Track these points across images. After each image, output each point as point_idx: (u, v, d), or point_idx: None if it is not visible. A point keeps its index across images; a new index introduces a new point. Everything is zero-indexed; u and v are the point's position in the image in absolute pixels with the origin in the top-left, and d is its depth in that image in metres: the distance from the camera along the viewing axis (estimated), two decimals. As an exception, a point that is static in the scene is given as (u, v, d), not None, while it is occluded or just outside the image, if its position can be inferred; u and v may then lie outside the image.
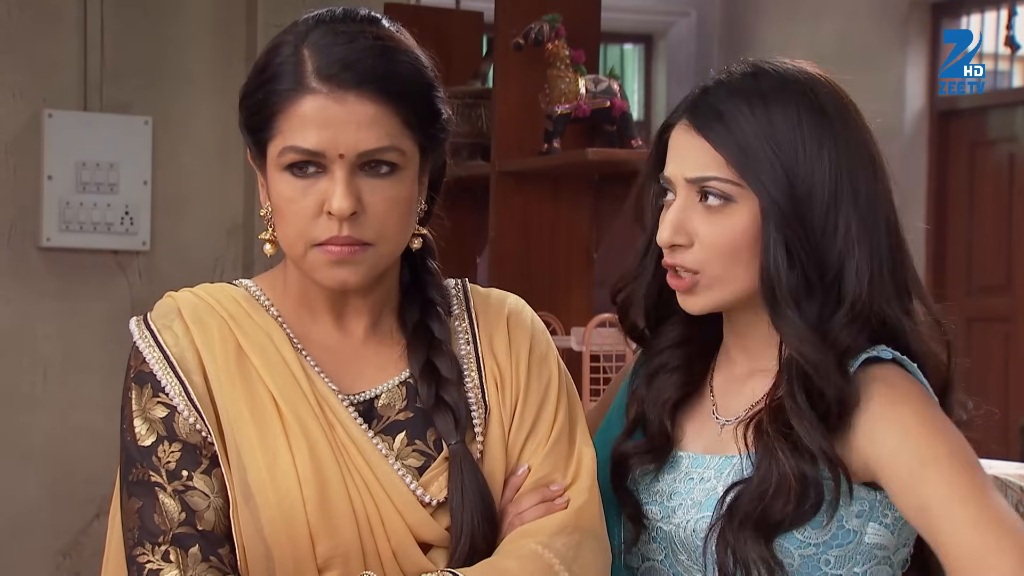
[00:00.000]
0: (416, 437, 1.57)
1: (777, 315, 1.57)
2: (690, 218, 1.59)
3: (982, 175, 6.25)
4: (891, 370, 1.57)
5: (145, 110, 3.65)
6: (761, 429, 1.57)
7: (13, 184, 3.55)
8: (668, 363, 1.68)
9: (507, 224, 3.37)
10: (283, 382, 1.54)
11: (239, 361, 1.55)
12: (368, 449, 1.54)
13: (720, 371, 1.69)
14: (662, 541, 1.63)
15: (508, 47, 3.30)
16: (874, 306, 1.58)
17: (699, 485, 1.61)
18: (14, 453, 3.56)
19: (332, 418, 1.54)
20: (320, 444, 1.52)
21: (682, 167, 1.59)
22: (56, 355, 3.60)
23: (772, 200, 1.55)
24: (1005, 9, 6.09)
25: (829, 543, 1.57)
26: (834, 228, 1.57)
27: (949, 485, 1.49)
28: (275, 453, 1.52)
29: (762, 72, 1.61)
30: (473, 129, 3.47)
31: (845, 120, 1.61)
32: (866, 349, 1.57)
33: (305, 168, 1.50)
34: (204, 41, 3.71)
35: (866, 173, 1.60)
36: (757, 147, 1.56)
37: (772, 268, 1.56)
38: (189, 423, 1.52)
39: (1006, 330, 6.12)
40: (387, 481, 1.53)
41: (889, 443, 1.53)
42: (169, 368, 1.54)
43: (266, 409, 1.53)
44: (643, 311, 1.69)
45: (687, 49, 7.27)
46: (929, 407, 1.55)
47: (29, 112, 3.55)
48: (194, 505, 1.50)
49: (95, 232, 3.59)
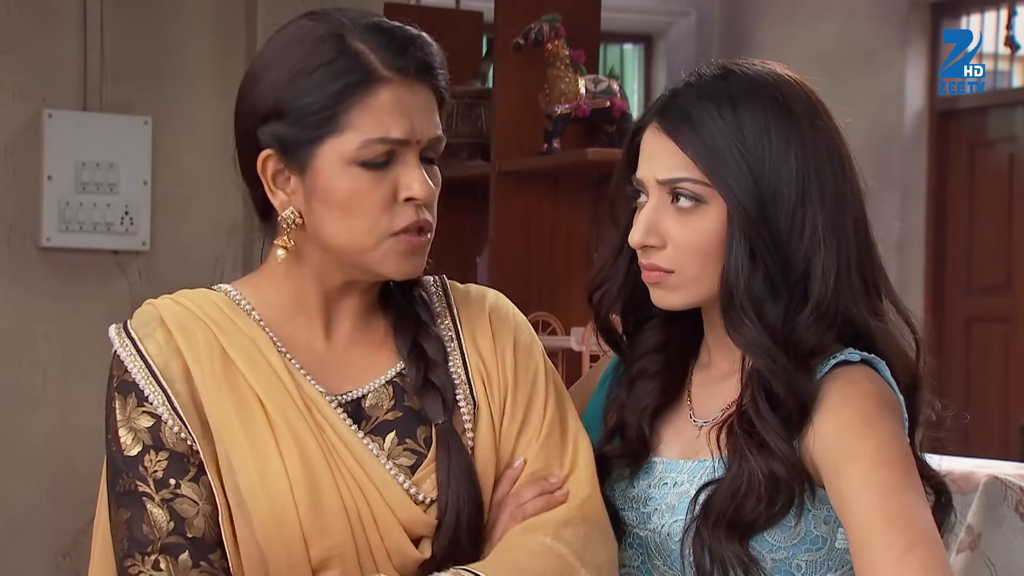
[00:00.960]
0: (407, 436, 1.56)
1: (729, 320, 1.58)
2: (662, 219, 1.60)
3: (982, 175, 6.25)
4: (857, 371, 1.58)
5: (145, 110, 3.64)
6: (732, 431, 1.58)
7: (13, 184, 3.55)
8: (647, 368, 1.69)
9: (507, 224, 3.37)
10: (269, 386, 1.53)
11: (225, 367, 1.53)
12: (359, 449, 1.53)
13: (698, 373, 1.70)
14: (638, 547, 1.64)
15: (508, 47, 3.30)
16: (840, 306, 1.58)
17: (673, 489, 1.62)
18: (14, 453, 3.56)
19: (321, 419, 1.53)
20: (310, 446, 1.51)
21: (653, 169, 1.61)
22: (56, 355, 3.60)
23: (738, 203, 1.57)
24: (1005, 9, 6.08)
25: (799, 548, 1.57)
26: (801, 228, 1.58)
27: (863, 481, 1.49)
28: (265, 457, 1.50)
29: (731, 74, 1.62)
30: (473, 129, 3.47)
31: (813, 120, 1.61)
32: (835, 352, 1.58)
33: (381, 160, 1.49)
34: (204, 41, 3.71)
35: (834, 173, 1.61)
36: (724, 149, 1.57)
37: (732, 272, 1.57)
38: (174, 432, 1.50)
39: (1006, 330, 6.12)
40: (379, 480, 1.52)
41: (826, 438, 1.54)
42: (152, 378, 1.52)
43: (254, 414, 1.52)
44: (619, 312, 1.70)
45: (687, 49, 7.27)
46: (876, 407, 1.55)
47: (29, 112, 3.55)
48: (183, 513, 1.49)
49: (95, 232, 3.59)
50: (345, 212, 1.50)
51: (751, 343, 1.57)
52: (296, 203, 1.53)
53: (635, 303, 1.69)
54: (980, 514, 2.66)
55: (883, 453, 1.51)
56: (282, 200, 1.54)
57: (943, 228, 6.31)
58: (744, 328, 1.57)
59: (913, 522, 1.47)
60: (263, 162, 1.54)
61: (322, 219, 1.52)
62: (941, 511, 1.61)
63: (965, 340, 6.20)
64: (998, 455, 4.12)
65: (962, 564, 2.61)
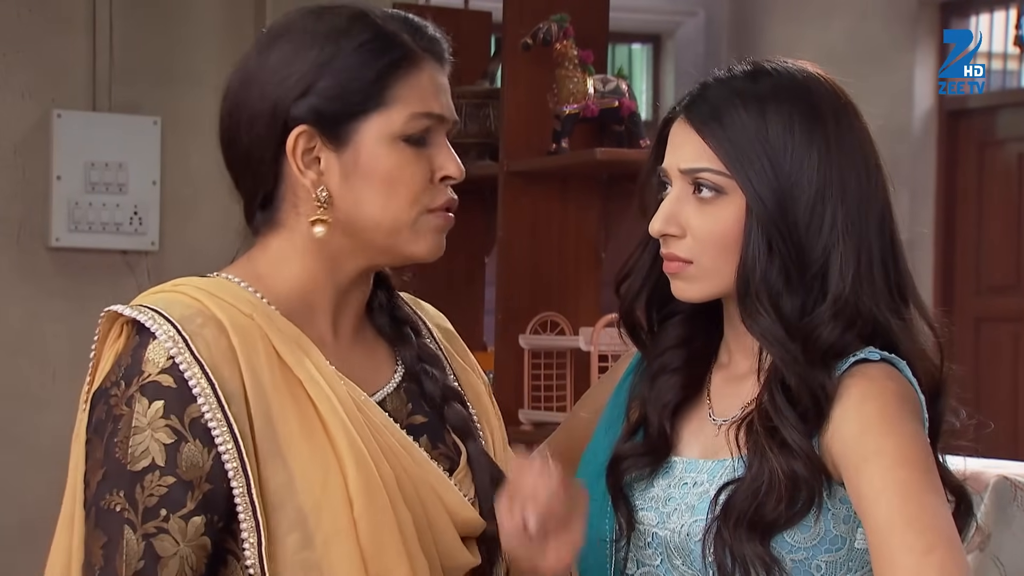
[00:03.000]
0: (438, 440, 1.55)
1: (745, 309, 1.59)
2: (683, 209, 1.61)
3: (991, 175, 6.24)
4: (877, 368, 1.57)
5: (154, 110, 3.65)
6: (751, 429, 1.58)
7: (22, 184, 3.56)
8: (669, 364, 1.69)
9: (515, 224, 3.37)
10: (320, 389, 1.45)
11: (283, 372, 1.44)
12: (415, 451, 1.50)
13: (718, 372, 1.70)
14: (658, 547, 1.63)
15: (516, 47, 3.30)
16: (860, 304, 1.58)
17: (693, 489, 1.61)
18: (23, 452, 3.57)
19: (377, 422, 1.48)
20: (372, 452, 1.45)
21: (677, 159, 1.62)
22: (65, 355, 3.61)
23: (756, 194, 1.57)
24: (1014, 9, 6.07)
25: (818, 548, 1.56)
26: (819, 224, 1.58)
27: (883, 480, 1.49)
28: (326, 469, 1.42)
29: (761, 72, 1.63)
30: (481, 129, 3.47)
31: (839, 120, 1.62)
32: (855, 351, 1.58)
33: (419, 137, 1.51)
34: (213, 41, 3.72)
35: (858, 172, 1.61)
36: (747, 143, 1.58)
37: (749, 262, 1.58)
38: (194, 454, 1.39)
39: (1016, 330, 6.11)
40: (438, 481, 1.50)
41: (846, 436, 1.53)
42: (209, 387, 1.40)
43: (314, 423, 1.43)
44: (643, 307, 1.70)
45: (695, 49, 7.26)
46: (897, 404, 1.55)
47: (38, 112, 3.56)
48: (160, 551, 1.38)
49: (104, 232, 3.60)
50: (388, 187, 1.50)
51: (766, 332, 1.57)
52: (329, 182, 1.50)
53: (660, 298, 1.69)
54: (989, 514, 2.65)
55: (904, 452, 1.51)
56: (313, 179, 1.50)
57: (952, 228, 6.30)
58: (760, 317, 1.57)
59: (933, 524, 1.46)
60: (295, 139, 1.50)
61: (362, 196, 1.50)
62: (961, 516, 1.60)
63: (974, 340, 6.19)
64: (1008, 455, 4.11)
65: (971, 564, 2.60)
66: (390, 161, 1.50)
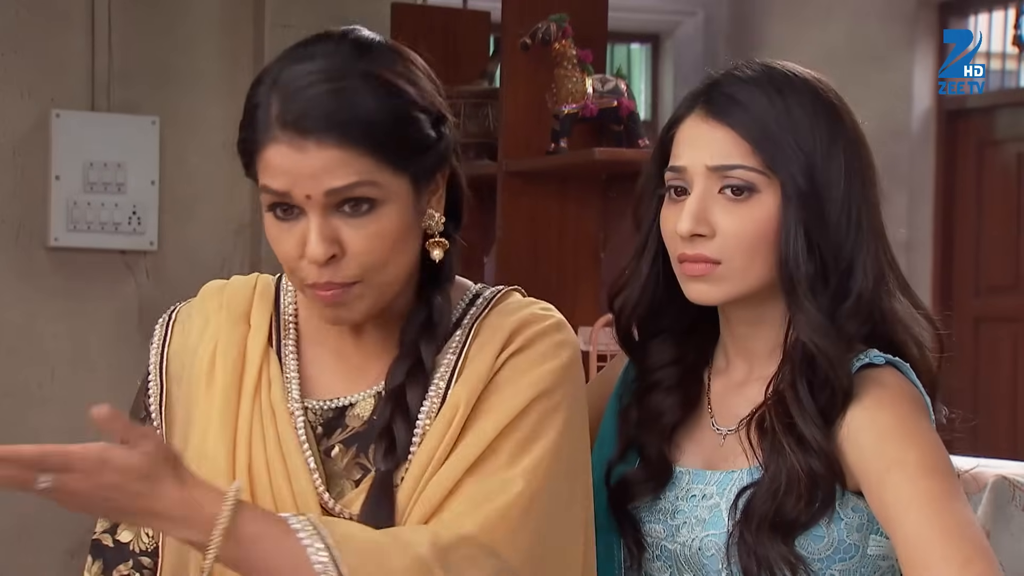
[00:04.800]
0: (363, 452, 1.53)
1: (795, 303, 1.56)
2: (710, 208, 1.57)
3: (990, 174, 6.24)
4: (886, 373, 1.57)
5: (153, 110, 3.65)
6: (764, 427, 1.56)
7: (21, 184, 3.56)
8: (662, 381, 1.66)
9: (514, 224, 3.37)
10: (231, 377, 1.55)
11: (212, 362, 1.56)
12: (295, 459, 1.51)
13: (716, 379, 1.67)
14: (666, 560, 1.62)
15: (515, 47, 3.30)
16: (881, 302, 1.58)
17: (702, 503, 1.60)
18: (22, 453, 3.56)
19: (268, 423, 1.53)
20: (242, 436, 1.53)
21: (701, 156, 1.57)
22: (64, 355, 3.60)
23: (795, 185, 1.55)
24: (1013, 8, 6.07)
25: (832, 558, 1.56)
26: (847, 221, 1.57)
27: (911, 490, 1.47)
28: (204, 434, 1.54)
29: (773, 69, 1.61)
30: (480, 129, 3.47)
31: (853, 120, 1.62)
32: (860, 352, 1.57)
33: (286, 209, 1.47)
34: (212, 41, 3.71)
35: (868, 176, 1.61)
36: (778, 132, 1.55)
37: (792, 255, 1.55)
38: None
39: (1014, 330, 6.11)
40: (300, 491, 1.50)
41: (864, 445, 1.52)
42: (157, 367, 1.59)
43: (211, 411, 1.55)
44: (636, 319, 1.67)
45: (694, 49, 7.26)
46: (912, 411, 1.54)
47: (37, 112, 3.56)
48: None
49: (103, 232, 3.59)
50: (274, 250, 1.51)
51: (815, 324, 1.54)
52: None
53: (653, 309, 1.66)
54: (988, 514, 2.65)
55: (927, 460, 1.50)
56: None
57: (951, 227, 6.30)
58: (808, 310, 1.55)
59: (967, 534, 1.46)
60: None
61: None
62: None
63: (973, 340, 6.19)
64: (1006, 455, 4.11)
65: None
66: (267, 225, 1.50)
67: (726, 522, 1.57)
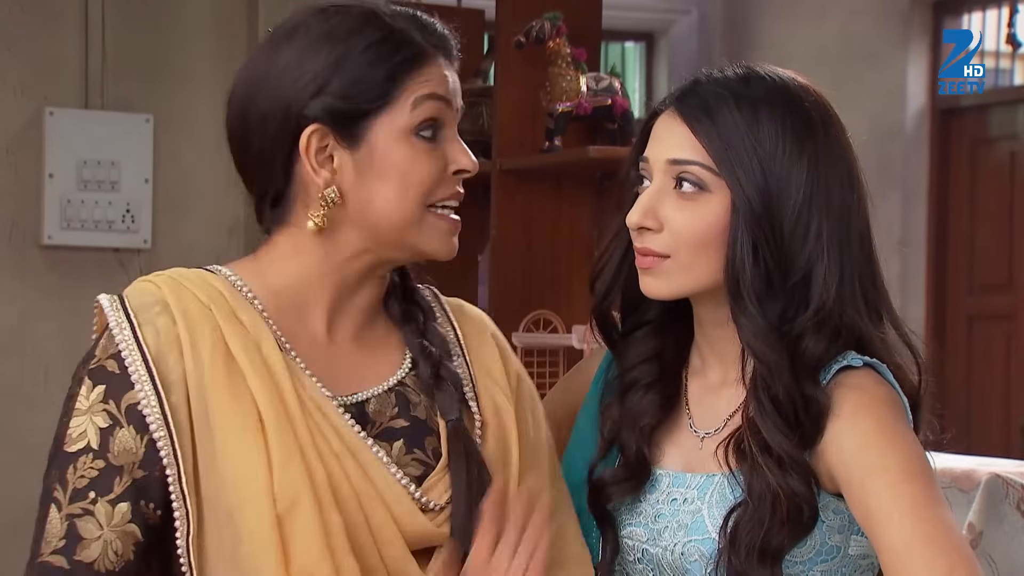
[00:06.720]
0: (415, 446, 1.52)
1: (738, 307, 1.56)
2: (662, 203, 1.59)
3: (984, 173, 6.24)
4: (864, 376, 1.56)
5: (146, 108, 3.65)
6: (742, 449, 1.56)
7: (14, 182, 3.55)
8: (640, 379, 1.66)
9: (508, 222, 3.37)
10: (267, 388, 1.45)
11: (228, 367, 1.45)
12: (365, 455, 1.48)
13: (694, 380, 1.67)
14: (648, 563, 1.62)
15: (509, 45, 3.30)
16: (843, 316, 1.56)
17: (683, 507, 1.60)
18: (15, 451, 3.56)
19: (324, 424, 1.47)
20: (306, 453, 1.44)
21: (662, 150, 1.60)
22: (57, 353, 3.60)
23: (744, 195, 1.55)
24: (1006, 7, 6.08)
25: (815, 559, 1.56)
26: (804, 231, 1.56)
27: (892, 497, 1.47)
28: (255, 467, 1.42)
29: (755, 76, 1.61)
30: (474, 127, 3.47)
31: (828, 131, 1.60)
32: (837, 357, 1.56)
33: (431, 131, 1.53)
34: (205, 39, 3.71)
35: (842, 184, 1.60)
36: (737, 141, 1.56)
37: (737, 259, 1.55)
38: (127, 440, 1.42)
39: (1008, 328, 6.12)
40: (385, 488, 1.47)
41: (846, 451, 1.52)
42: (147, 373, 1.44)
43: (250, 420, 1.44)
44: (618, 306, 1.68)
45: (688, 47, 7.26)
46: (891, 416, 1.54)
47: (30, 110, 3.55)
48: (83, 532, 1.42)
49: (96, 230, 3.59)
50: (402, 182, 1.51)
51: (756, 329, 1.55)
52: (342, 180, 1.51)
53: (632, 299, 1.67)
54: (981, 512, 2.66)
55: (909, 467, 1.50)
56: (326, 178, 1.51)
57: (945, 226, 6.30)
58: (751, 315, 1.55)
59: (951, 541, 1.45)
60: (308, 138, 1.50)
61: (375, 192, 1.51)
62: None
63: (967, 338, 6.19)
64: (999, 453, 4.12)
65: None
66: (404, 156, 1.51)
67: (708, 529, 1.57)
